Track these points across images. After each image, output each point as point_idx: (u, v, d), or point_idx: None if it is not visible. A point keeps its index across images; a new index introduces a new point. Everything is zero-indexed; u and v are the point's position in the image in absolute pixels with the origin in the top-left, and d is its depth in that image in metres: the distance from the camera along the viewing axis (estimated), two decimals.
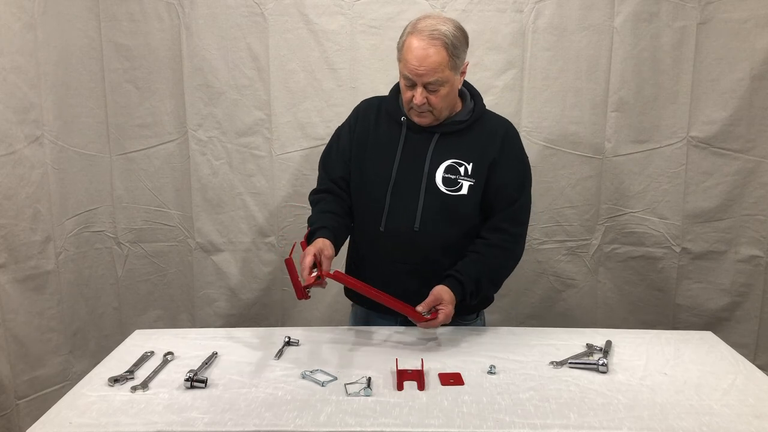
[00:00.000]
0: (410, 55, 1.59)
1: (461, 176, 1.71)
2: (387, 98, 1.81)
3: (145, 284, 2.61)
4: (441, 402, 1.37)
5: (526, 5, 2.36)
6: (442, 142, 1.72)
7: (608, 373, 1.51)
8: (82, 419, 1.31)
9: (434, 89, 1.62)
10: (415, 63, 1.58)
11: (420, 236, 1.71)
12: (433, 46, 1.57)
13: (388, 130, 1.77)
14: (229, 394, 1.40)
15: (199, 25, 2.39)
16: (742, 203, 2.44)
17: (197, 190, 2.52)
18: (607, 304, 2.58)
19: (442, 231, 1.72)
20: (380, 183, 1.74)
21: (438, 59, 1.58)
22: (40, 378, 2.28)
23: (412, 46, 1.59)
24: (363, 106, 1.86)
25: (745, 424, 1.29)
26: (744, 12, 2.30)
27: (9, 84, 2.08)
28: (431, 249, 1.73)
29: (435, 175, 1.71)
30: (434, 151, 1.72)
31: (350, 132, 1.82)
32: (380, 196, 1.74)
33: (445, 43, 1.58)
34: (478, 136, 1.74)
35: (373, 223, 1.75)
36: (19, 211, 2.15)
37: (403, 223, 1.72)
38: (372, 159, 1.77)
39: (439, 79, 1.60)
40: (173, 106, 2.47)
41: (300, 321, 2.59)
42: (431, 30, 1.58)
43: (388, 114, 1.78)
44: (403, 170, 1.73)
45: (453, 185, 1.71)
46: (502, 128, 1.77)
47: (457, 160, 1.71)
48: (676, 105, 2.40)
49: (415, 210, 1.71)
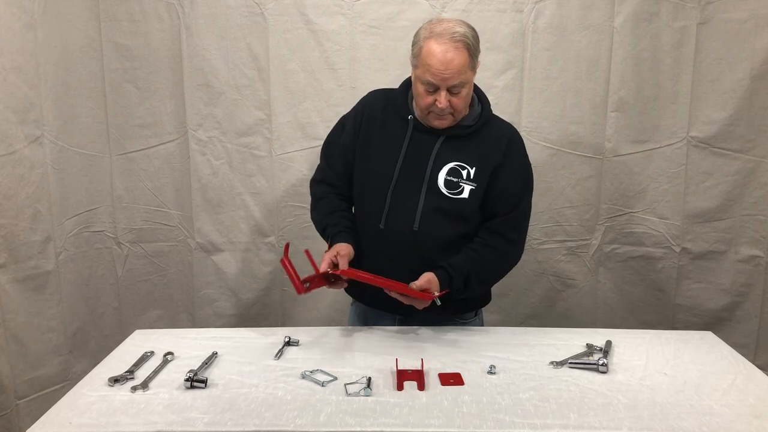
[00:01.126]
0: (434, 60, 1.58)
1: (463, 180, 1.71)
2: (396, 93, 1.80)
3: (145, 284, 2.61)
4: (441, 402, 1.37)
5: (526, 5, 2.36)
6: (446, 144, 1.73)
7: (608, 373, 1.51)
8: (82, 419, 1.31)
9: (457, 91, 1.63)
10: (440, 67, 1.58)
11: (419, 236, 1.71)
12: (456, 49, 1.58)
13: (394, 127, 1.76)
14: (229, 394, 1.40)
15: (199, 25, 2.39)
16: (742, 203, 2.44)
17: (197, 190, 2.52)
18: (607, 304, 2.58)
19: (441, 232, 1.72)
20: (382, 180, 1.75)
21: (462, 61, 1.59)
22: (40, 378, 2.28)
23: (434, 51, 1.58)
24: (369, 99, 1.85)
25: (745, 424, 1.29)
26: (744, 12, 2.30)
27: (9, 84, 2.08)
28: (430, 249, 1.73)
29: (437, 177, 1.71)
30: (438, 153, 1.72)
31: (355, 125, 1.81)
32: (381, 193, 1.74)
33: (466, 44, 1.59)
34: (483, 140, 1.74)
35: (373, 219, 1.76)
36: (19, 211, 2.15)
37: (402, 222, 1.72)
38: (376, 155, 1.77)
39: (462, 81, 1.61)
40: (173, 106, 2.47)
41: (300, 321, 2.59)
42: (451, 33, 1.59)
43: (395, 110, 1.78)
44: (405, 169, 1.73)
45: (455, 188, 1.71)
46: (507, 134, 1.77)
47: (460, 163, 1.72)
48: (676, 105, 2.40)
49: (415, 210, 1.71)
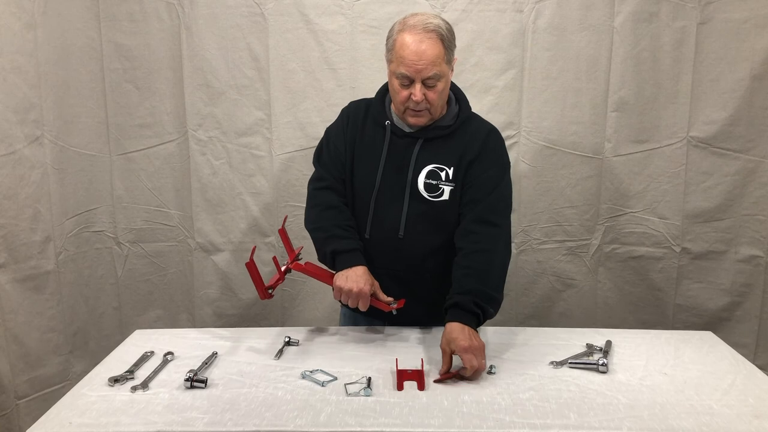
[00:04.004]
0: (407, 51, 1.57)
1: (442, 181, 1.68)
2: (373, 102, 1.78)
3: (145, 284, 2.61)
4: (441, 402, 1.37)
5: (526, 5, 2.36)
6: (425, 147, 1.70)
7: (608, 373, 1.51)
8: (82, 419, 1.31)
9: (432, 84, 1.60)
10: (413, 58, 1.56)
11: (404, 243, 1.70)
12: (430, 39, 1.56)
13: (373, 136, 1.74)
14: (229, 394, 1.40)
15: (199, 25, 2.39)
16: (742, 203, 2.44)
17: (197, 190, 2.52)
18: (607, 304, 2.58)
19: (425, 237, 1.70)
20: (365, 190, 1.73)
21: (435, 52, 1.57)
22: (40, 378, 2.28)
23: (407, 42, 1.57)
24: (352, 109, 1.82)
25: (745, 424, 1.29)
26: (744, 12, 2.30)
27: (9, 84, 2.08)
28: (415, 255, 1.72)
29: (417, 181, 1.69)
30: (417, 157, 1.69)
31: (343, 134, 1.78)
32: (365, 203, 1.73)
33: (440, 35, 1.57)
34: (460, 139, 1.70)
35: (359, 229, 1.74)
36: (19, 211, 2.15)
37: (387, 230, 1.71)
38: (358, 165, 1.75)
39: (437, 72, 1.58)
40: (173, 106, 2.47)
41: (300, 321, 2.59)
42: (424, 24, 1.57)
43: (373, 118, 1.76)
44: (387, 177, 1.71)
45: (434, 191, 1.69)
46: (484, 131, 1.73)
47: (438, 165, 1.69)
48: (676, 105, 2.40)
49: (399, 217, 1.69)
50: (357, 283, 1.60)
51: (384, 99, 1.76)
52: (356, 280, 1.60)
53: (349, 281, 1.61)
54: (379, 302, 1.65)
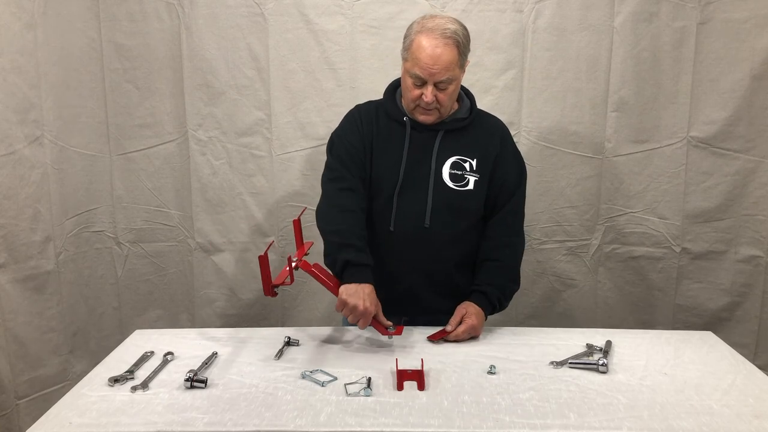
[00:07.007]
0: (423, 54, 1.61)
1: (467, 171, 1.75)
2: (384, 101, 1.81)
3: (145, 284, 2.61)
4: (441, 402, 1.37)
5: (526, 5, 2.36)
6: (446, 139, 1.75)
7: (608, 373, 1.51)
8: (82, 419, 1.31)
9: (443, 87, 1.65)
10: (429, 62, 1.60)
11: (430, 233, 1.73)
12: (446, 45, 1.60)
13: (392, 132, 1.77)
14: (229, 394, 1.40)
15: (199, 25, 2.39)
16: (742, 203, 2.44)
17: (197, 190, 2.52)
18: (607, 304, 2.58)
19: (451, 226, 1.75)
20: (388, 184, 1.75)
21: (450, 58, 1.61)
22: (40, 378, 2.28)
23: (424, 45, 1.61)
24: (362, 110, 1.82)
25: (745, 424, 1.29)
26: (744, 12, 2.30)
27: (9, 84, 2.08)
28: (441, 244, 1.75)
29: (442, 172, 1.73)
30: (440, 148, 1.74)
31: (359, 132, 1.76)
32: (388, 197, 1.75)
33: (456, 41, 1.62)
34: (478, 133, 1.78)
35: (381, 224, 1.76)
36: (19, 211, 2.15)
37: (412, 221, 1.74)
38: (378, 161, 1.77)
39: (450, 77, 1.63)
40: (173, 106, 2.47)
41: (300, 321, 2.59)
42: (442, 29, 1.61)
43: (388, 116, 1.78)
44: (410, 169, 1.74)
45: (460, 180, 1.74)
46: (499, 127, 1.84)
47: (461, 156, 1.75)
48: (676, 105, 2.40)
49: (424, 207, 1.73)
50: (364, 301, 1.58)
51: (394, 97, 1.79)
52: (363, 298, 1.58)
53: (355, 297, 1.58)
54: (379, 325, 1.65)
